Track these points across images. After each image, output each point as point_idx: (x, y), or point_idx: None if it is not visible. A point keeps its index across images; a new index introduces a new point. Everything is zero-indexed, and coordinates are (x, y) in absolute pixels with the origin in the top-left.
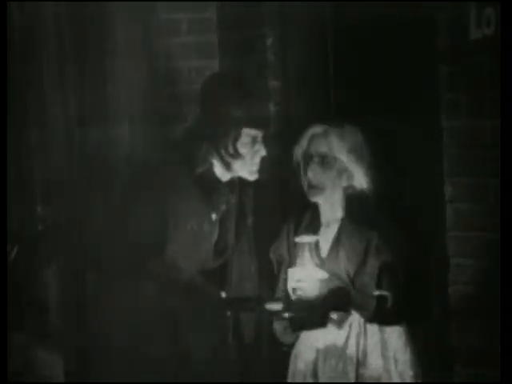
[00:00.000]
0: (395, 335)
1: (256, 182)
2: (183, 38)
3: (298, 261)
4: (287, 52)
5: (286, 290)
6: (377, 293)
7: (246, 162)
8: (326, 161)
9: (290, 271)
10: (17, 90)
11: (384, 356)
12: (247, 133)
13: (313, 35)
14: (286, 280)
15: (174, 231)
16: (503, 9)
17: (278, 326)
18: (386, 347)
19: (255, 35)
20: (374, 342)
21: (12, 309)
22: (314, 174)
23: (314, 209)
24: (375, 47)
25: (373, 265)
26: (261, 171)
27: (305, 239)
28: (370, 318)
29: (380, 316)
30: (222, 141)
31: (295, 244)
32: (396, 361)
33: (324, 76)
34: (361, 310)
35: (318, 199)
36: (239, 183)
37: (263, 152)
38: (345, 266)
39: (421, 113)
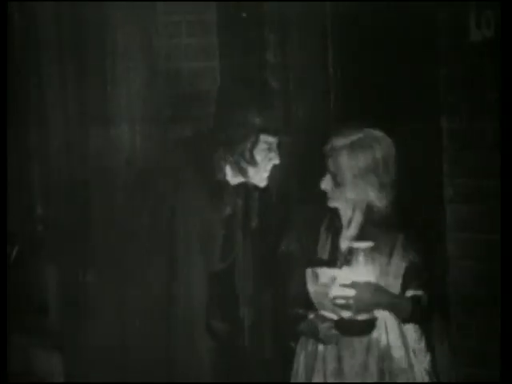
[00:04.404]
0: (412, 327)
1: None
2: (183, 38)
3: (347, 265)
4: (287, 52)
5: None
6: (411, 293)
7: (259, 169)
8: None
9: (325, 273)
10: (17, 89)
11: (405, 348)
12: (264, 139)
13: (313, 35)
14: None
15: (182, 231)
16: (503, 10)
17: (322, 326)
18: (406, 340)
19: (255, 36)
20: (396, 336)
21: (12, 309)
22: (327, 186)
23: (334, 210)
24: (375, 48)
25: (398, 266)
26: (270, 178)
27: (361, 245)
28: (407, 319)
29: (416, 316)
30: (238, 147)
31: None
32: (414, 350)
33: (324, 76)
34: (398, 312)
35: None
36: (245, 187)
37: (277, 160)
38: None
39: (421, 114)
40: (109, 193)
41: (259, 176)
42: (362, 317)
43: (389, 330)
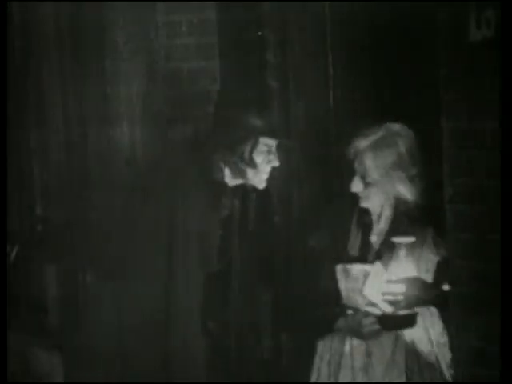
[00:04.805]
0: (435, 320)
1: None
2: (183, 38)
3: (379, 261)
4: (287, 52)
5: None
6: (447, 287)
7: (258, 171)
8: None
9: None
10: (17, 90)
11: (431, 342)
12: (264, 142)
13: (313, 35)
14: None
15: (180, 231)
16: (503, 10)
17: (365, 322)
18: (430, 333)
19: (255, 36)
20: (421, 330)
21: (12, 309)
22: (357, 188)
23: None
24: (375, 48)
25: (429, 260)
26: (269, 180)
27: (403, 240)
28: (445, 313)
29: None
30: (237, 149)
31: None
32: (438, 344)
33: (324, 76)
34: (440, 307)
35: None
36: (244, 188)
37: (276, 162)
38: None
39: (420, 114)
40: (109, 193)
41: (258, 178)
42: (404, 311)
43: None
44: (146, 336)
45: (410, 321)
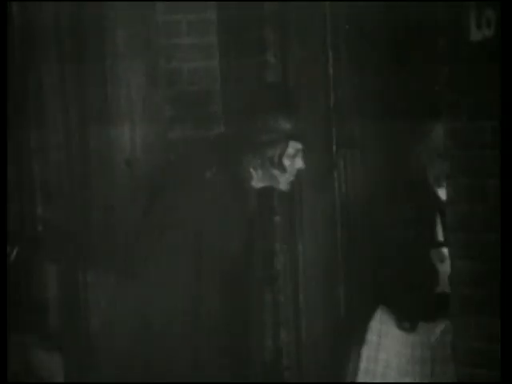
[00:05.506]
0: None
1: None
2: (183, 38)
3: None
4: (287, 52)
5: None
6: None
7: (286, 174)
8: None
9: None
10: (17, 90)
11: None
12: (293, 146)
13: (313, 35)
14: None
15: (205, 231)
16: (503, 10)
17: None
18: None
19: (255, 36)
20: None
21: (12, 309)
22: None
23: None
24: (375, 48)
25: None
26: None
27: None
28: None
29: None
30: (267, 153)
31: None
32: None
33: (324, 76)
34: None
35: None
36: (268, 189)
37: (302, 164)
38: None
39: (420, 113)
40: (109, 193)
41: (285, 181)
42: None
43: None
44: (149, 337)
45: None
